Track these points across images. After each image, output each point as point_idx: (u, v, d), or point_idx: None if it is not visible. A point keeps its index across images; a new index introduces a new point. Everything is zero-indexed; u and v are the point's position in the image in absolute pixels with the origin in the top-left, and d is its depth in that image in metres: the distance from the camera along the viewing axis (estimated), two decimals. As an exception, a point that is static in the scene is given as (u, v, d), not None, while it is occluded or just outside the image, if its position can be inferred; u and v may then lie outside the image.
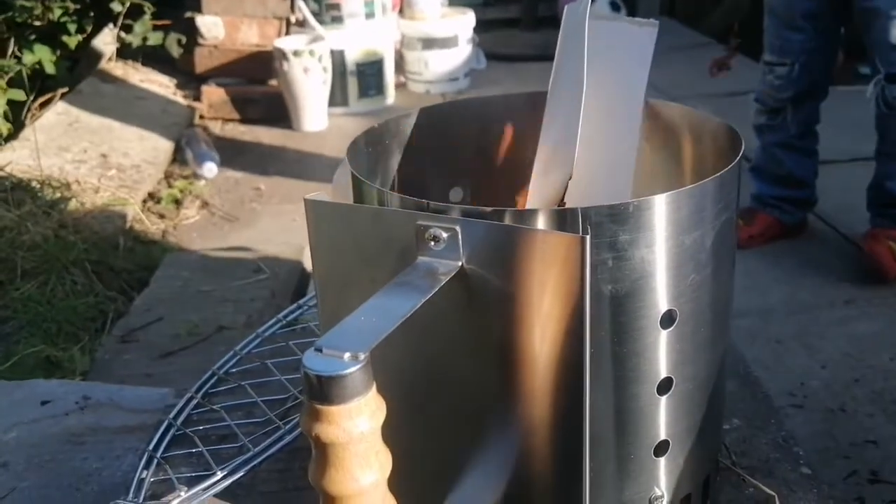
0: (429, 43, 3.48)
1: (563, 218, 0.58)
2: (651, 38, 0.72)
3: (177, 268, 2.15)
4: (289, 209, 2.56)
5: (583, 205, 0.58)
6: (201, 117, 3.22)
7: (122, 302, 2.10)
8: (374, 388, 0.51)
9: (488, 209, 0.58)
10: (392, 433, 0.54)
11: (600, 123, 0.73)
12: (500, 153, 0.87)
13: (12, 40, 3.14)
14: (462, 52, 3.54)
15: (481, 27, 3.80)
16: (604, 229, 0.58)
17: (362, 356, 0.49)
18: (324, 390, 0.49)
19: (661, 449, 0.67)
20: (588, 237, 0.53)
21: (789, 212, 2.30)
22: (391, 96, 3.38)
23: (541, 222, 0.58)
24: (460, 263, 0.58)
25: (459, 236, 0.58)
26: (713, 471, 0.75)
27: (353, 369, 0.49)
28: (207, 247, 2.35)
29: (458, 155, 0.86)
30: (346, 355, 0.49)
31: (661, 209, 0.59)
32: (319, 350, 0.50)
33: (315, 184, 2.67)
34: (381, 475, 0.51)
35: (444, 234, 0.58)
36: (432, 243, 0.58)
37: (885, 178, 2.15)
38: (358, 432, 0.49)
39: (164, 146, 2.92)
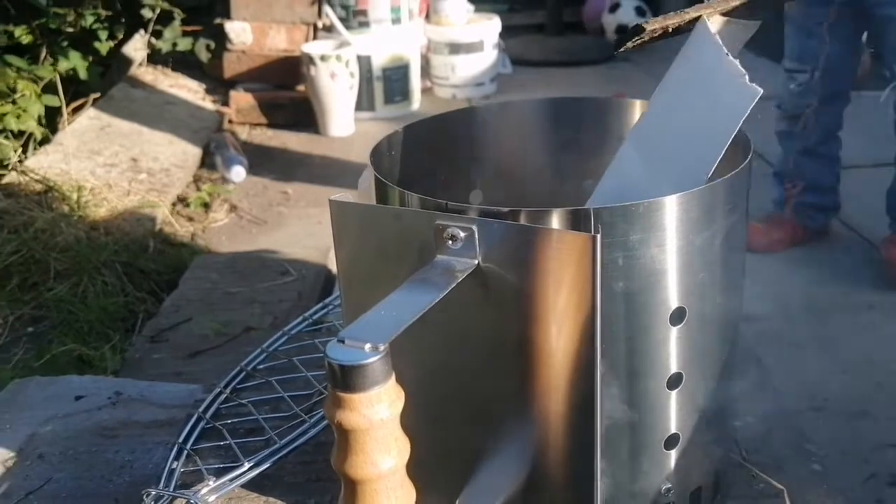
0: (455, 48, 3.50)
1: (577, 217, 0.60)
2: (750, 101, 0.68)
3: (205, 269, 2.19)
4: (315, 213, 2.60)
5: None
6: (230, 122, 3.27)
7: (152, 302, 2.15)
8: (393, 378, 0.53)
9: (504, 209, 0.61)
10: (412, 423, 0.57)
11: (669, 157, 0.74)
12: (522, 157, 0.90)
13: (46, 47, 3.21)
14: (488, 57, 3.57)
15: (507, 33, 3.82)
16: (616, 229, 0.60)
17: (382, 347, 0.52)
18: (346, 379, 0.52)
19: (672, 442, 0.69)
20: (599, 236, 0.56)
21: (812, 217, 2.31)
22: (417, 101, 3.41)
23: (555, 222, 0.60)
24: (477, 261, 0.61)
25: (476, 235, 0.60)
26: (724, 465, 0.77)
27: (373, 359, 0.51)
28: (235, 249, 2.39)
29: (480, 158, 0.88)
30: (367, 346, 0.52)
31: (671, 210, 0.61)
32: (342, 341, 0.53)
33: (341, 188, 2.70)
34: (399, 461, 0.54)
35: (462, 234, 0.61)
36: (450, 242, 0.61)
37: None
38: (378, 419, 0.52)
39: (193, 150, 2.97)
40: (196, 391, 1.13)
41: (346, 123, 3.15)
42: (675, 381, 0.67)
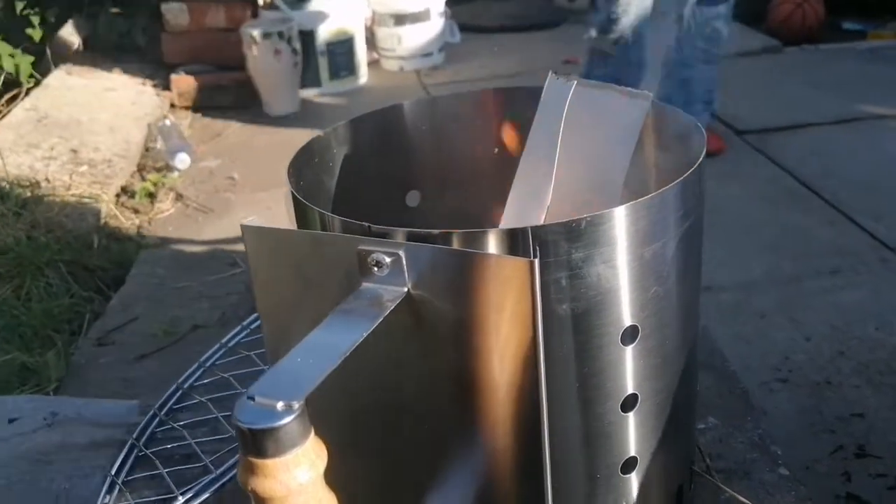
0: (400, 19, 3.41)
1: (514, 238, 0.55)
2: (642, 110, 0.68)
3: (152, 264, 2.12)
4: (263, 197, 2.52)
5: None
6: (172, 106, 3.16)
7: (99, 302, 2.06)
8: (311, 436, 0.48)
9: (434, 232, 0.55)
10: (347, 460, 0.51)
11: (580, 190, 0.71)
12: (457, 153, 0.84)
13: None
14: (435, 26, 3.47)
15: (453, -2, 3.74)
16: (557, 248, 0.55)
17: (297, 405, 0.46)
18: (257, 443, 0.46)
19: (630, 466, 0.64)
20: (536, 261, 0.50)
21: None
22: (364, 75, 3.32)
23: (490, 244, 0.55)
24: (406, 289, 0.55)
25: (404, 261, 0.55)
26: (686, 479, 0.72)
27: (286, 420, 0.46)
28: (183, 240, 2.31)
29: (414, 157, 0.82)
30: (280, 405, 0.46)
31: (618, 223, 0.56)
32: (252, 399, 0.47)
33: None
34: (326, 525, 0.49)
35: (388, 259, 0.55)
36: (375, 269, 0.55)
37: (679, 82, 2.42)
38: (296, 484, 0.46)
39: (136, 138, 2.86)
40: (134, 408, 1.08)
41: (291, 102, 3.06)
42: (630, 403, 0.62)
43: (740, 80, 2.81)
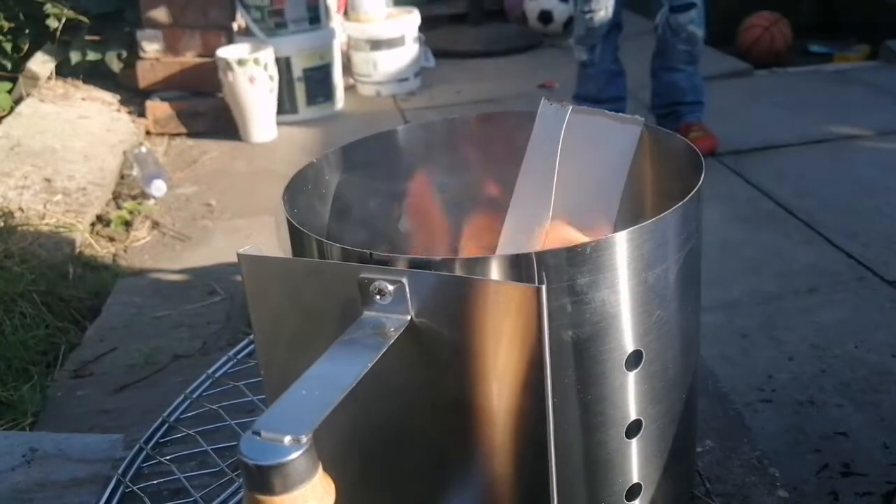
0: (376, 44, 3.42)
1: (518, 264, 0.54)
2: (634, 135, 0.69)
3: (129, 294, 2.09)
4: (241, 224, 2.50)
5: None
6: (147, 133, 3.14)
7: (75, 332, 2.03)
8: (319, 471, 0.46)
9: (437, 258, 0.54)
10: (346, 489, 0.50)
11: (575, 215, 0.71)
12: (452, 176, 0.83)
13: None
14: (410, 51, 3.48)
15: (428, 24, 3.74)
16: (561, 273, 0.54)
17: (304, 439, 0.45)
18: (264, 480, 0.45)
19: (634, 492, 0.63)
20: (544, 287, 0.50)
21: None
22: (340, 101, 3.31)
23: (493, 270, 0.54)
24: (409, 317, 0.54)
25: (406, 289, 0.54)
26: (688, 502, 0.72)
27: (294, 455, 0.44)
28: (160, 269, 2.29)
29: (404, 181, 0.82)
30: (287, 439, 0.45)
31: (620, 248, 0.55)
32: (257, 433, 0.46)
33: (266, 197, 2.61)
34: (334, 563, 0.47)
35: (390, 287, 0.54)
36: (378, 297, 0.54)
37: (669, 85, 2.71)
38: (305, 521, 0.45)
39: (111, 166, 2.83)
40: (117, 443, 1.05)
41: (268, 128, 3.04)
42: (634, 429, 0.61)
43: (714, 102, 2.84)
